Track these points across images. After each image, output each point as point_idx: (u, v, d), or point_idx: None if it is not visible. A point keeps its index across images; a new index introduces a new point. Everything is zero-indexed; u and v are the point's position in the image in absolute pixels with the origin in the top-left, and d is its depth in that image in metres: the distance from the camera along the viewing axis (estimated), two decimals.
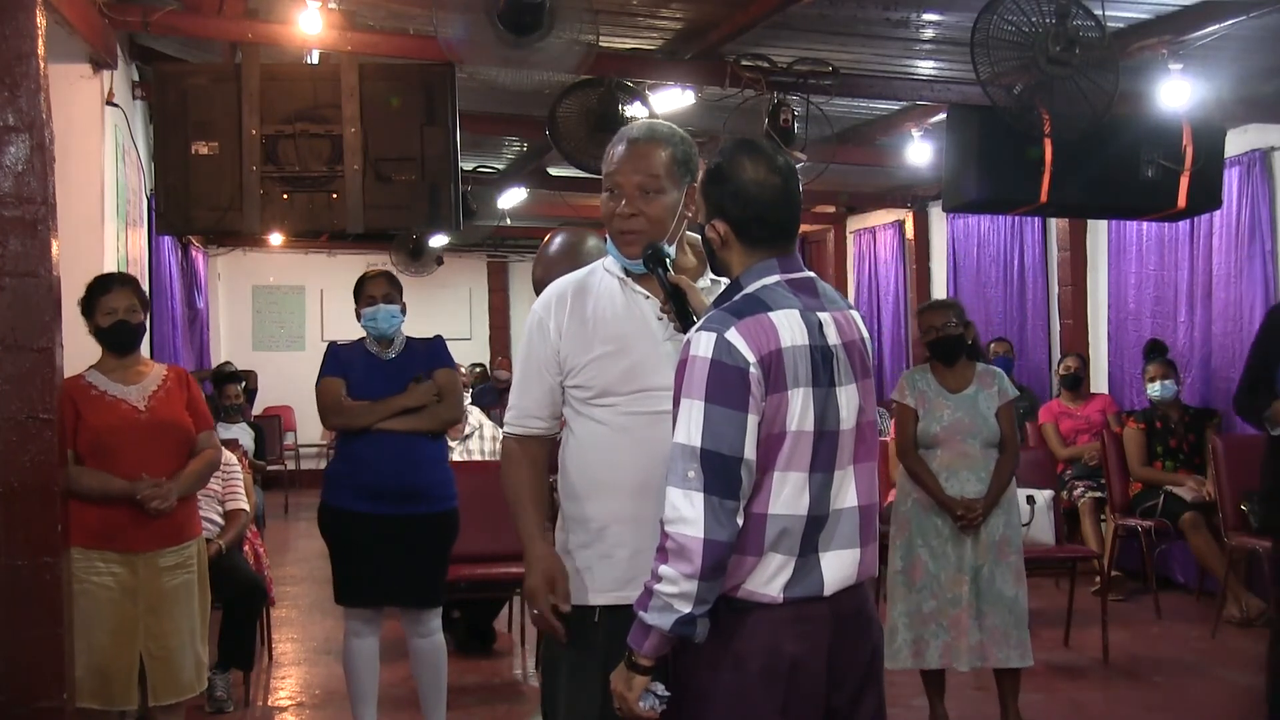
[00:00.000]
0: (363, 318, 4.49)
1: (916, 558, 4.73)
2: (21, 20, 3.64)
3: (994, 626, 4.64)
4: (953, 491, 4.69)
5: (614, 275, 2.58)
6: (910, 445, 4.78)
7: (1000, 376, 4.86)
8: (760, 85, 5.92)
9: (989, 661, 4.67)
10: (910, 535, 4.76)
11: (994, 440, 4.74)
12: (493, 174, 9.97)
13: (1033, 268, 9.46)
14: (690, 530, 2.10)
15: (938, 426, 4.75)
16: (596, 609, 2.50)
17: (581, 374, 2.53)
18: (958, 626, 4.63)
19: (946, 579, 4.67)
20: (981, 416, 4.73)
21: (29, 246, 3.63)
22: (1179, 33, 5.60)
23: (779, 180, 2.27)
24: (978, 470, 4.71)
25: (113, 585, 3.86)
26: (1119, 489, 7.17)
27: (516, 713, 5.31)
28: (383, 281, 4.52)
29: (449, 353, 4.60)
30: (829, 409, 2.22)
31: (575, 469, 2.56)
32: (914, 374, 4.91)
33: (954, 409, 4.75)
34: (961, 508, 4.65)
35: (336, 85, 5.36)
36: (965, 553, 4.67)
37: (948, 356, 4.82)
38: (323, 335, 14.12)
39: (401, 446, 4.35)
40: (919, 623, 4.68)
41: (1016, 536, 4.77)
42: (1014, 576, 4.70)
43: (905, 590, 4.73)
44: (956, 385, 4.80)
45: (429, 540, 4.40)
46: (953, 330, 4.80)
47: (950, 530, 4.68)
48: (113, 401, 3.92)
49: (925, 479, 4.72)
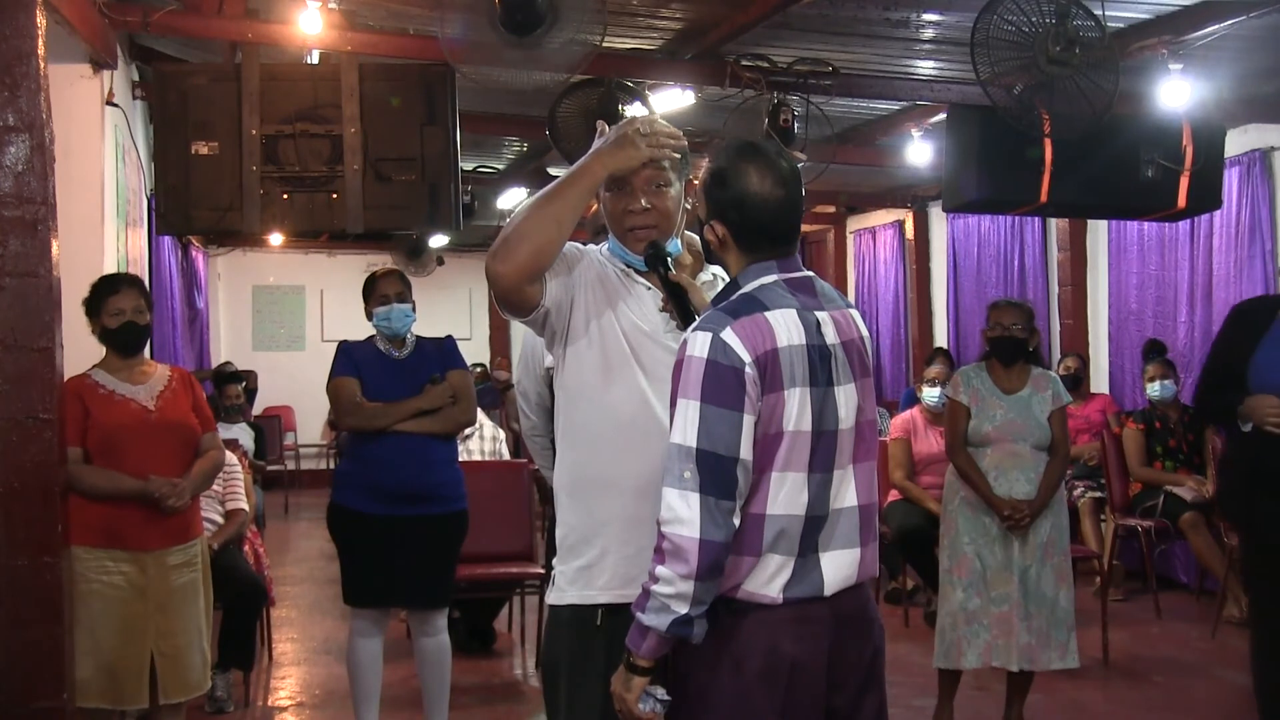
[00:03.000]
0: (375, 317, 4.48)
1: (963, 556, 4.72)
2: (21, 20, 3.65)
3: (1039, 628, 4.64)
4: (1001, 491, 4.68)
5: (614, 266, 2.56)
6: (960, 443, 4.77)
7: (1055, 380, 4.85)
8: (760, 85, 5.93)
9: (1035, 664, 4.65)
10: (957, 534, 4.75)
11: (1044, 443, 4.74)
12: (493, 174, 9.97)
13: (1033, 268, 9.46)
14: (686, 531, 2.10)
15: (990, 425, 4.74)
16: (599, 610, 2.48)
17: (588, 336, 2.49)
18: (1004, 625, 4.62)
19: (993, 578, 4.66)
20: (1034, 419, 4.72)
21: (29, 246, 3.64)
22: (1179, 33, 5.60)
23: (783, 193, 2.26)
24: (1027, 471, 4.69)
25: (123, 584, 3.85)
26: (1119, 489, 7.16)
27: (516, 713, 5.31)
28: (395, 280, 4.51)
29: (460, 353, 4.59)
30: (827, 408, 2.22)
31: (576, 465, 2.54)
32: (969, 371, 4.90)
33: (1007, 409, 4.74)
34: (1009, 508, 4.64)
35: (336, 85, 5.36)
36: (1013, 553, 4.66)
37: (1007, 357, 4.81)
38: (323, 335, 14.12)
39: (416, 448, 4.34)
40: (963, 621, 4.68)
41: (1063, 539, 4.77)
42: (1057, 577, 4.69)
43: (951, 589, 4.73)
44: (1011, 386, 4.79)
45: (439, 541, 4.40)
46: (1018, 333, 4.79)
47: (998, 530, 4.67)
48: (122, 400, 3.92)
49: (974, 477, 4.71)
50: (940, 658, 4.73)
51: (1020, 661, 4.63)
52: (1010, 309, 4.92)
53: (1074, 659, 4.70)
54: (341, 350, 4.54)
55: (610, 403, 2.48)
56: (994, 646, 4.63)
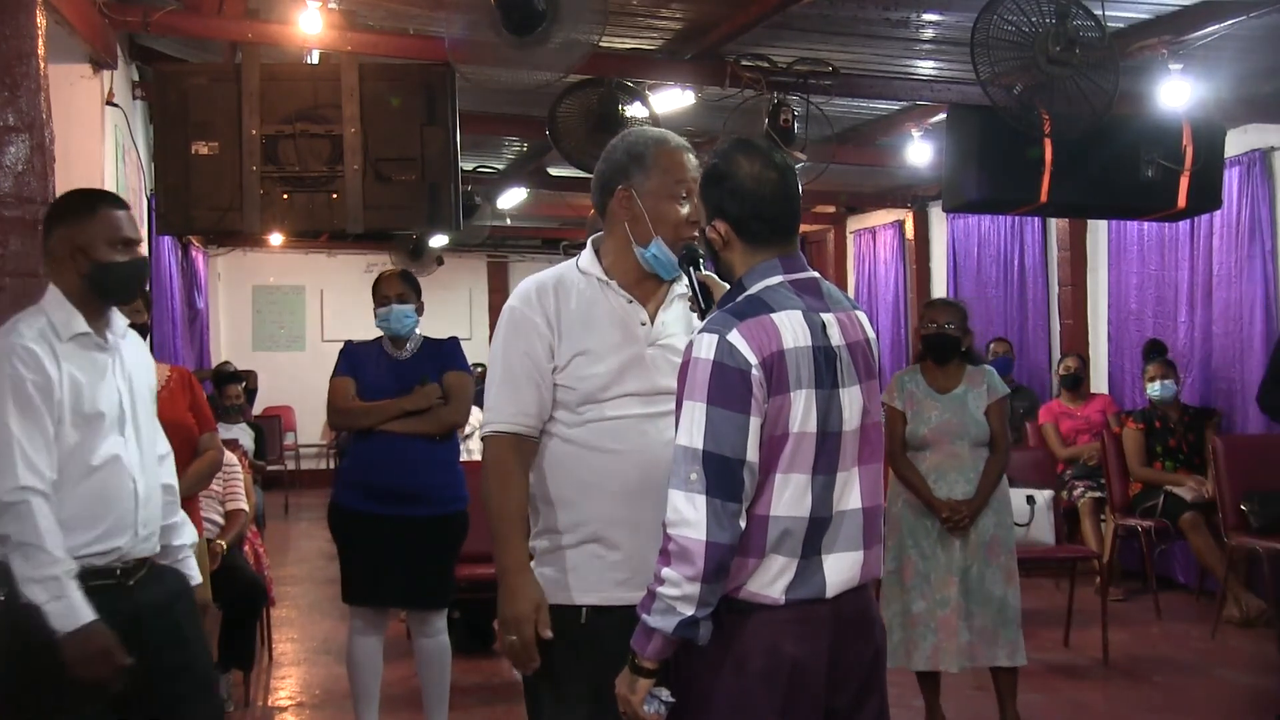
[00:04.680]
0: (377, 318, 4.50)
1: (907, 559, 4.73)
2: (21, 20, 3.65)
3: (982, 627, 4.63)
4: (941, 493, 4.69)
5: (593, 277, 2.56)
6: (898, 448, 4.78)
7: (990, 374, 4.85)
8: (760, 85, 5.92)
9: (977, 661, 4.66)
10: (901, 536, 4.75)
11: (984, 439, 4.73)
12: (493, 174, 9.96)
13: (1033, 268, 9.46)
14: (692, 533, 2.10)
15: (925, 428, 4.74)
16: (583, 609, 2.48)
17: (566, 372, 2.49)
18: (946, 628, 4.63)
19: (936, 580, 4.67)
20: (971, 416, 4.72)
21: (29, 246, 3.64)
22: (1179, 33, 5.60)
23: (776, 175, 2.27)
24: (966, 471, 4.70)
25: None
26: (1119, 489, 7.16)
27: (516, 713, 5.30)
28: (397, 281, 4.52)
29: (463, 355, 4.59)
30: (832, 410, 2.22)
31: (562, 472, 2.52)
32: (904, 375, 4.91)
33: (942, 410, 4.75)
34: (948, 510, 4.64)
35: (336, 85, 5.36)
36: (954, 554, 4.67)
37: (940, 356, 4.82)
38: (323, 335, 14.12)
39: (402, 449, 4.35)
40: (909, 624, 4.68)
41: (1008, 537, 4.76)
42: (1004, 577, 4.69)
43: (898, 590, 4.74)
44: (946, 386, 4.79)
45: (434, 542, 4.40)
46: (950, 331, 4.79)
47: (939, 532, 4.68)
48: None
49: (913, 481, 4.72)
50: (889, 657, 4.72)
51: (960, 661, 4.62)
52: (945, 308, 4.94)
53: (1022, 657, 4.69)
54: (343, 351, 4.58)
55: (594, 408, 2.48)
56: (941, 650, 4.63)
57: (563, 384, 2.51)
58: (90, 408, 2.72)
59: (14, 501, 2.56)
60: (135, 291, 3.14)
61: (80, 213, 2.79)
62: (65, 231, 2.77)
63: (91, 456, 2.71)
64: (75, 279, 2.76)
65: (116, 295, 2.84)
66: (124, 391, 2.82)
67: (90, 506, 2.70)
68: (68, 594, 2.55)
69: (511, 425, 2.52)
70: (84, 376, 2.72)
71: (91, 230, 2.75)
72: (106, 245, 2.76)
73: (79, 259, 2.75)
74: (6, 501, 2.56)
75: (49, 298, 2.77)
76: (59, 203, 2.97)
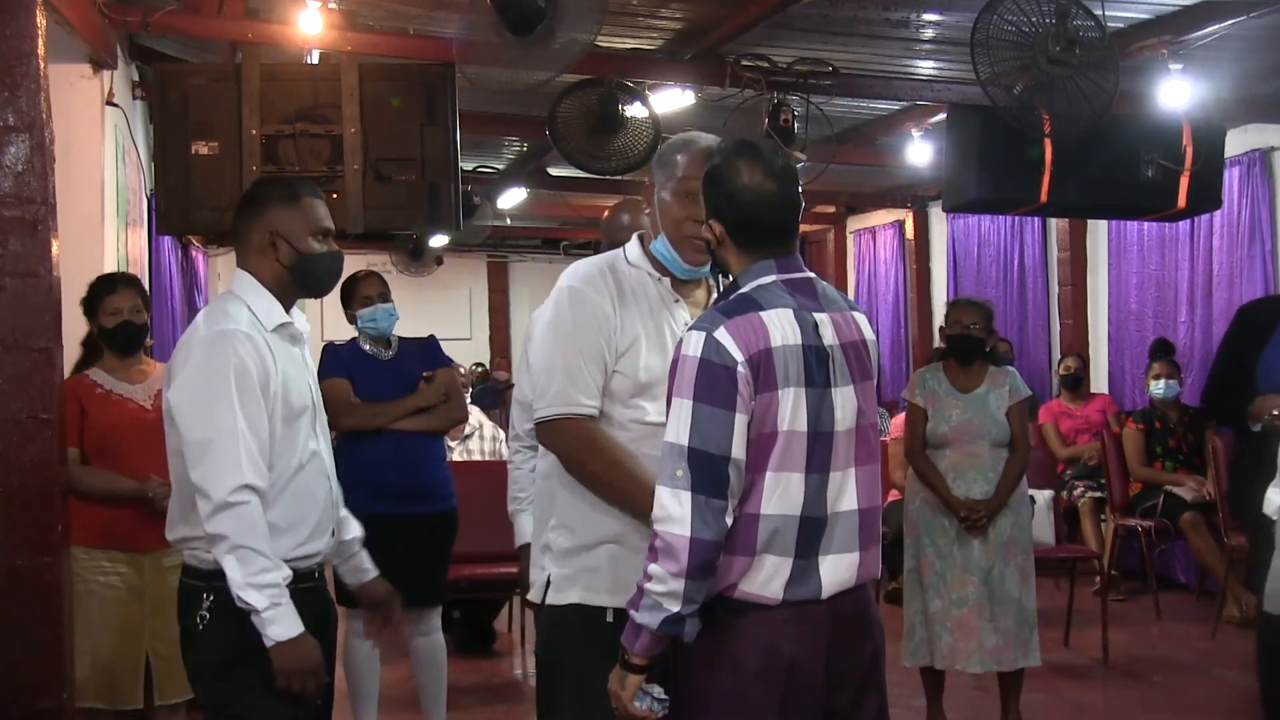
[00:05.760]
0: (360, 319, 4.51)
1: (924, 557, 4.73)
2: (21, 20, 3.65)
3: (1007, 629, 4.64)
4: (959, 492, 4.68)
5: (643, 270, 2.57)
6: (919, 445, 4.77)
7: (1012, 375, 4.84)
8: (760, 85, 5.92)
9: (1003, 664, 4.65)
10: (918, 535, 4.76)
11: (1004, 440, 4.73)
12: (493, 174, 9.96)
13: (1033, 268, 9.46)
14: (677, 529, 2.11)
15: (946, 426, 4.74)
16: (608, 610, 2.47)
17: (625, 358, 2.48)
18: (964, 627, 4.62)
19: (952, 579, 4.67)
20: (991, 416, 4.72)
21: (29, 246, 3.64)
22: (1179, 33, 5.60)
23: (774, 185, 2.26)
24: (985, 471, 4.69)
25: (119, 585, 3.86)
26: (1119, 489, 7.16)
27: (516, 713, 5.31)
28: (377, 281, 4.57)
29: (444, 352, 4.63)
30: (824, 410, 2.22)
31: None
32: (926, 373, 4.90)
33: (963, 409, 4.74)
34: (965, 509, 4.64)
35: (336, 85, 5.36)
36: (972, 553, 4.66)
37: (964, 356, 4.81)
38: (321, 335, 14.10)
39: (412, 446, 4.38)
40: (927, 622, 4.69)
41: (1025, 537, 4.76)
42: (1020, 577, 4.69)
43: (918, 589, 4.74)
44: (968, 385, 4.79)
45: (432, 539, 4.43)
46: (975, 332, 4.78)
47: (956, 531, 4.67)
48: (119, 400, 3.92)
49: (932, 479, 4.71)
50: (907, 656, 4.74)
51: (986, 663, 4.63)
52: (970, 308, 4.91)
53: (1036, 657, 4.70)
54: (329, 352, 4.55)
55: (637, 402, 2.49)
56: (956, 650, 4.63)
57: (620, 370, 2.49)
58: (299, 402, 2.61)
59: (237, 502, 2.43)
60: (334, 284, 2.94)
61: (284, 200, 2.68)
62: (266, 219, 2.65)
63: (297, 455, 2.60)
64: (276, 268, 2.65)
65: (318, 287, 2.74)
66: (313, 386, 2.73)
67: (297, 508, 2.60)
68: (285, 601, 2.45)
69: (583, 408, 2.46)
70: (290, 369, 2.62)
71: (296, 219, 2.66)
72: (310, 235, 2.67)
73: (281, 248, 2.64)
74: (229, 501, 2.43)
75: (244, 286, 2.66)
76: (257, 189, 2.83)
